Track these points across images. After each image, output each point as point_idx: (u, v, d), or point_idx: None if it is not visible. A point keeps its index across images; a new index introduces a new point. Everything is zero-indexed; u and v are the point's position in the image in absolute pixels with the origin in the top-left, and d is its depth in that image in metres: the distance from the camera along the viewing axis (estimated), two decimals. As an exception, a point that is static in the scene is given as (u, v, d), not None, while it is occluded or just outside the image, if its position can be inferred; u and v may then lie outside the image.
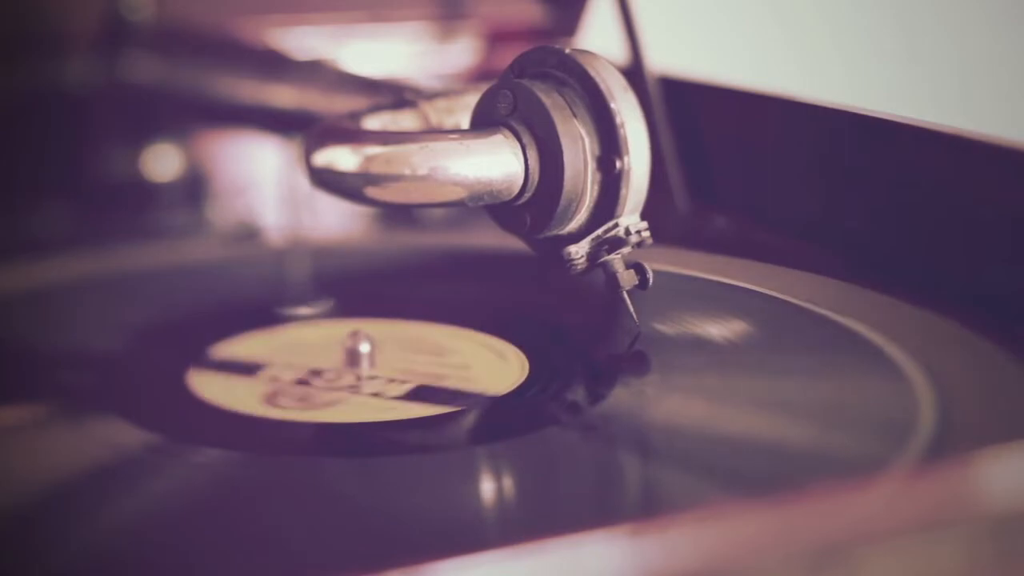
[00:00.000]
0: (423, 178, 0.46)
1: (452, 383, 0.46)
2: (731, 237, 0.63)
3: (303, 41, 0.79)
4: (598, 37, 0.75)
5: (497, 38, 0.84)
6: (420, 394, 0.46)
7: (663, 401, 0.46)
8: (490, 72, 0.80)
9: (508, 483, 0.40)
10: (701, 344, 0.49)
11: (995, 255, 0.50)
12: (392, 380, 0.47)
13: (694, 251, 0.58)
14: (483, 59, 0.84)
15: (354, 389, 0.46)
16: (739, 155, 0.64)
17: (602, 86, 0.47)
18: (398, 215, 0.69)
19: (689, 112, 0.65)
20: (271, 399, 0.46)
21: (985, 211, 0.51)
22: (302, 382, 0.47)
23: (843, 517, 0.32)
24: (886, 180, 0.55)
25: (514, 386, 0.46)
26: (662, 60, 0.65)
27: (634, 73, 0.62)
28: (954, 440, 0.40)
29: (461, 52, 0.84)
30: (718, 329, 0.51)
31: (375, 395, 0.46)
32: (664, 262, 0.50)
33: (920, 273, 0.53)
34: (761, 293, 0.53)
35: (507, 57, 0.50)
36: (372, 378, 0.47)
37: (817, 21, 0.89)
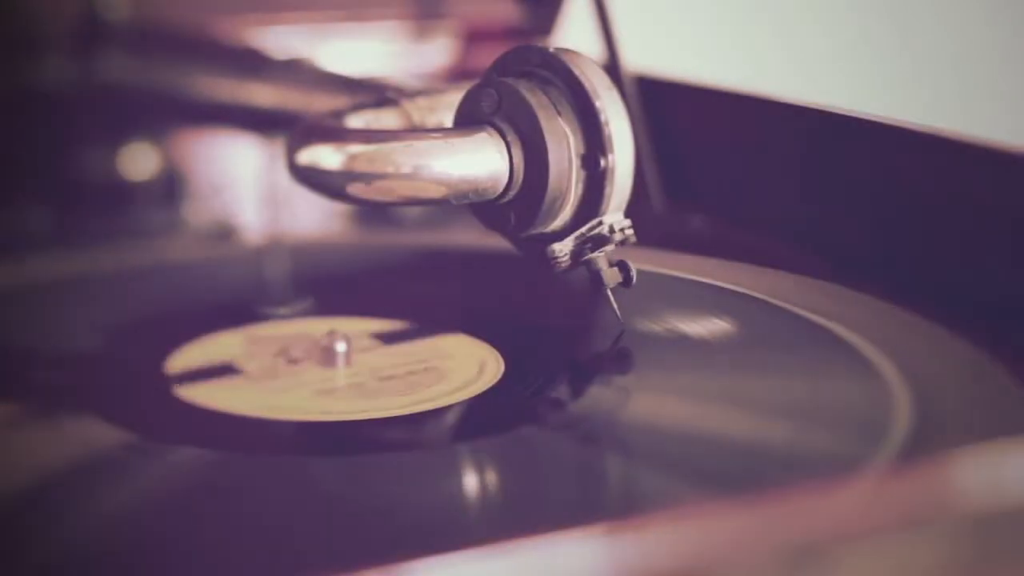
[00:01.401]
0: (407, 176, 0.46)
1: (429, 381, 0.46)
2: (709, 237, 0.63)
3: (280, 40, 0.79)
4: (574, 36, 0.75)
5: (474, 37, 0.84)
6: (397, 391, 0.46)
7: (641, 400, 0.46)
8: (467, 71, 0.80)
9: (485, 482, 0.40)
10: (680, 343, 0.49)
11: (972, 255, 0.51)
12: (371, 376, 0.47)
13: (672, 251, 0.59)
14: (460, 58, 0.84)
15: (333, 384, 0.47)
16: (716, 154, 0.64)
17: (586, 84, 0.47)
18: (376, 214, 0.69)
19: (666, 111, 0.65)
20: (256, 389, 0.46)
21: (963, 212, 0.51)
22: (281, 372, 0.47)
23: (821, 516, 0.32)
24: (864, 180, 0.56)
25: (490, 384, 0.46)
26: (638, 59, 0.66)
27: (610, 72, 0.62)
28: (931, 439, 0.40)
29: (438, 51, 0.84)
30: (697, 328, 0.51)
31: (359, 390, 0.46)
32: (642, 261, 0.51)
33: (897, 273, 0.53)
34: (739, 292, 0.54)
35: (484, 56, 0.50)
36: (351, 375, 0.47)
37: (794, 17, 0.89)
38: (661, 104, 0.65)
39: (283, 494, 0.39)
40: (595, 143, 0.47)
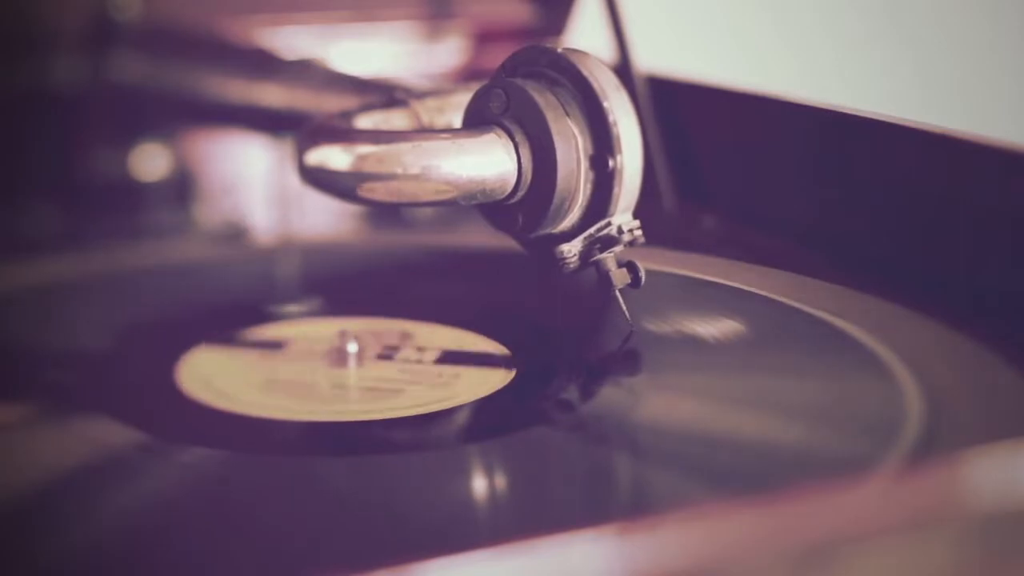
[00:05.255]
0: (415, 177, 0.46)
1: (440, 381, 0.47)
2: (720, 237, 0.63)
3: (291, 40, 0.79)
4: (585, 37, 0.75)
5: (485, 38, 0.84)
6: (409, 391, 0.46)
7: (652, 400, 0.46)
8: (478, 72, 0.80)
9: (496, 482, 0.40)
10: (690, 344, 0.49)
11: (982, 256, 0.51)
12: (382, 377, 0.47)
13: (682, 251, 0.58)
14: (471, 59, 0.84)
15: (349, 384, 0.47)
16: (727, 155, 0.64)
17: (595, 85, 0.47)
18: (386, 214, 0.69)
19: (677, 111, 0.65)
20: (268, 389, 0.46)
21: (974, 213, 0.51)
22: (298, 376, 0.47)
23: (832, 516, 0.32)
24: (875, 181, 0.55)
25: (502, 385, 0.46)
26: (649, 59, 0.66)
27: (621, 72, 0.62)
28: (942, 440, 0.40)
29: (449, 52, 0.84)
30: (707, 329, 0.51)
31: (370, 390, 0.46)
32: (653, 261, 0.51)
33: (908, 274, 0.53)
34: (749, 293, 0.54)
35: (495, 56, 0.50)
36: (365, 375, 0.47)
37: (803, 17, 0.89)
38: (672, 104, 0.65)
39: (294, 494, 0.39)
40: (603, 144, 0.47)
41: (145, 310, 0.55)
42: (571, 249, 0.48)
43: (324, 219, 0.69)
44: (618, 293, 0.48)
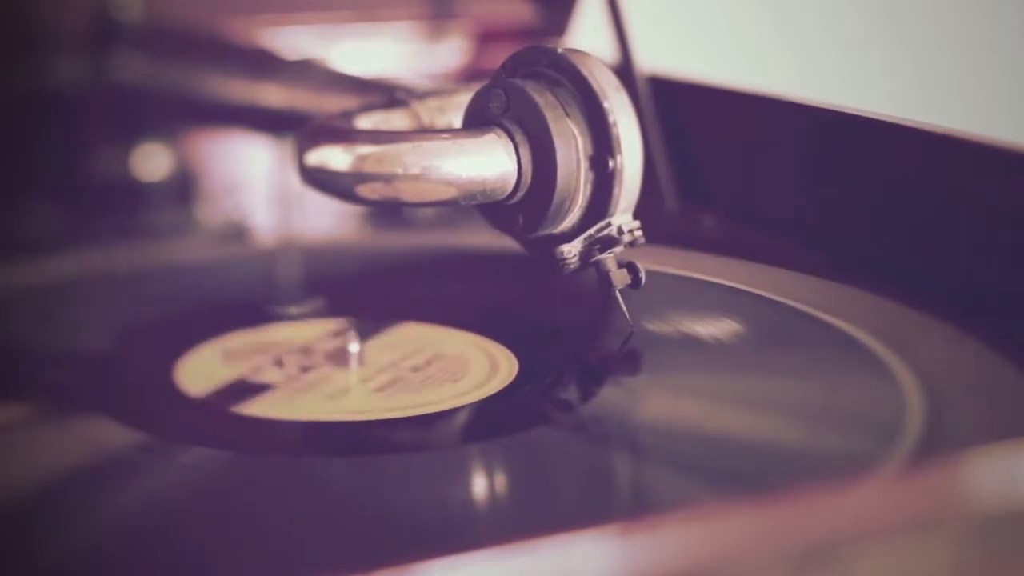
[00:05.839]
0: (416, 177, 0.46)
1: (441, 382, 0.47)
2: (721, 237, 0.63)
3: (292, 40, 0.79)
4: (587, 37, 0.75)
5: (487, 38, 0.84)
6: (409, 392, 0.46)
7: (653, 400, 0.46)
8: (480, 72, 0.80)
9: (497, 482, 0.40)
10: (690, 344, 0.49)
11: (984, 255, 0.51)
12: (383, 377, 0.47)
13: (684, 250, 0.58)
14: (473, 59, 0.84)
15: (346, 385, 0.46)
16: (729, 155, 0.64)
17: (595, 85, 0.47)
18: (388, 214, 0.69)
19: (677, 111, 0.65)
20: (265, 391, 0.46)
21: (975, 212, 0.51)
22: (295, 377, 0.47)
23: (832, 517, 0.32)
24: (875, 180, 0.55)
25: (503, 385, 0.46)
26: (650, 59, 0.65)
27: (623, 72, 0.62)
28: (943, 440, 0.40)
29: (451, 52, 0.84)
30: (707, 329, 0.51)
31: (371, 391, 0.46)
32: (653, 261, 0.51)
33: (909, 273, 0.53)
34: (750, 293, 0.54)
35: (497, 57, 0.50)
36: (363, 376, 0.47)
37: (803, 17, 0.89)
38: (673, 104, 0.65)
39: (295, 495, 0.39)
40: (603, 144, 0.47)
41: (145, 310, 0.55)
42: (571, 249, 0.48)
43: (325, 219, 0.69)
44: (618, 293, 0.48)
